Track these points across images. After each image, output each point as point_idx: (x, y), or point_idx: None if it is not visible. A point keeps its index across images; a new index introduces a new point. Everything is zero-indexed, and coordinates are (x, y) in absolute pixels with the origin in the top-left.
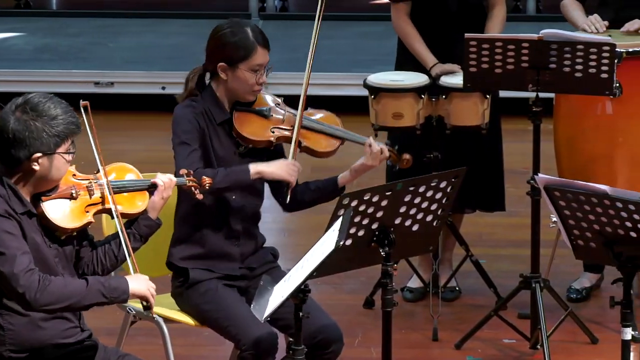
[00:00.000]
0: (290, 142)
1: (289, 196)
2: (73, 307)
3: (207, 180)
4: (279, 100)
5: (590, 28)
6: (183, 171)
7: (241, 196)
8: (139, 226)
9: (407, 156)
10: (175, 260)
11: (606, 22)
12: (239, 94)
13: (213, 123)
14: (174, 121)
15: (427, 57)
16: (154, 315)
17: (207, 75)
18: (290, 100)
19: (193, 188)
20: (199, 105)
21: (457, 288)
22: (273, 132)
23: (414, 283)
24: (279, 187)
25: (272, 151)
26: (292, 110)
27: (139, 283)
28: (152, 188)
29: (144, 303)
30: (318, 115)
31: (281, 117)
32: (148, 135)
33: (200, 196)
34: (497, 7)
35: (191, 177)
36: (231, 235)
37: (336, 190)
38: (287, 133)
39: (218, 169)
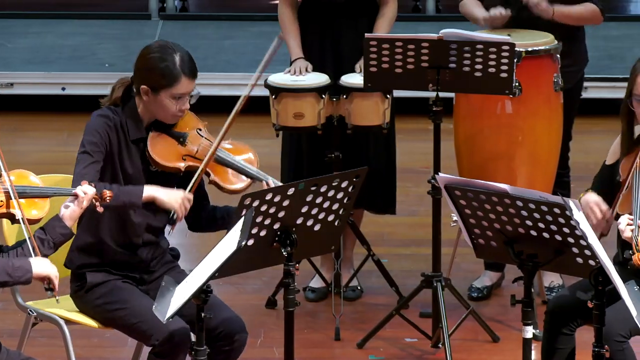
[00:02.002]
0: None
1: (173, 228)
2: None
3: (107, 193)
4: (202, 125)
5: (494, 12)
6: (85, 183)
7: (140, 212)
8: (55, 233)
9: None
10: (73, 266)
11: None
12: (159, 117)
13: (127, 138)
14: (85, 128)
15: (294, 50)
16: (57, 298)
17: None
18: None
19: (94, 200)
20: (116, 117)
21: (359, 287)
22: (184, 160)
23: (316, 283)
24: (196, 209)
25: (184, 177)
26: (210, 139)
27: (42, 264)
28: (73, 197)
29: (47, 285)
30: (235, 149)
31: (196, 147)
32: (48, 136)
33: (100, 209)
34: (387, 6)
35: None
36: (131, 247)
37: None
38: (197, 163)
39: (112, 185)
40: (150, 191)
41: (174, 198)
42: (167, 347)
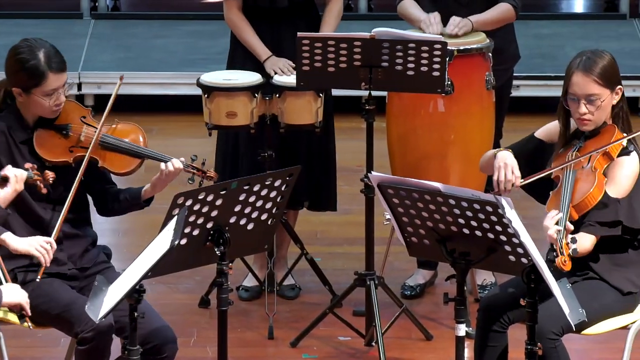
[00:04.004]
0: (93, 160)
1: (39, 275)
2: None
3: (50, 174)
4: (86, 112)
5: (428, 30)
6: (28, 165)
7: (41, 205)
8: None
9: (212, 173)
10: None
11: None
12: (39, 114)
13: (15, 141)
14: None
15: (260, 50)
16: (29, 325)
17: None
18: (120, 100)
19: (38, 182)
20: (1, 123)
21: (297, 286)
22: (72, 152)
23: (250, 282)
24: (99, 194)
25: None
26: (95, 125)
27: (11, 292)
28: (3, 181)
29: (18, 313)
30: (120, 131)
31: (80, 136)
32: None
33: (45, 190)
34: (333, 1)
35: (36, 171)
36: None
37: (140, 204)
38: (85, 152)
39: None
40: (3, 237)
41: (30, 243)
42: (91, 336)
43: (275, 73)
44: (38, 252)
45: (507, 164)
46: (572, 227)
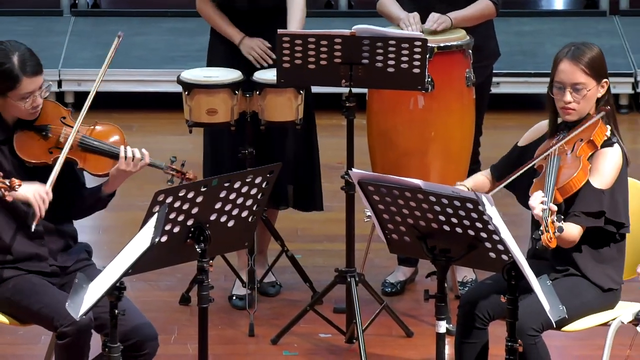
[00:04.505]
0: (71, 161)
1: (34, 224)
2: None
3: (16, 182)
4: (67, 112)
5: (407, 30)
6: None
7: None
8: None
9: (191, 175)
10: None
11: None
12: (17, 116)
13: None
14: None
15: (233, 33)
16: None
17: None
18: (101, 97)
19: (3, 189)
20: None
21: (277, 283)
22: (51, 153)
23: (241, 290)
24: (71, 196)
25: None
26: (74, 127)
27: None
28: None
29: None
30: (99, 132)
31: (60, 137)
32: None
33: (10, 198)
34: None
35: (1, 179)
36: (34, 235)
37: (101, 198)
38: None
39: None
40: None
41: (32, 191)
42: (70, 330)
43: (259, 66)
44: (35, 200)
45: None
46: (555, 208)
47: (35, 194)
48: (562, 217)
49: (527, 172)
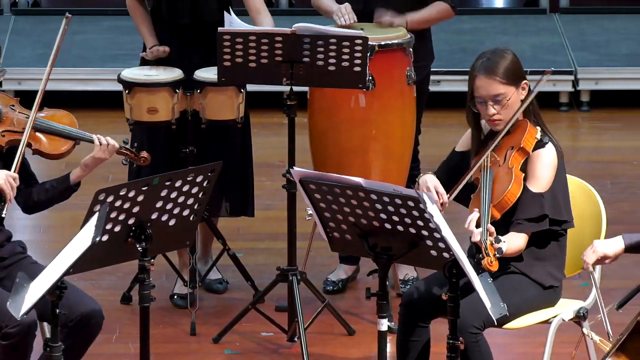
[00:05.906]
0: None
1: (5, 210)
2: None
3: None
4: (15, 101)
5: (340, 20)
6: None
7: None
8: None
9: (144, 154)
10: None
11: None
12: None
13: None
14: None
15: (148, 39)
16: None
17: None
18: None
19: None
20: None
21: (225, 280)
22: (4, 136)
23: (182, 289)
24: (24, 188)
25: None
26: (26, 112)
27: None
28: None
29: None
30: (52, 115)
31: (13, 121)
32: None
33: None
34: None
35: None
36: None
37: (69, 188)
38: (18, 136)
39: None
40: None
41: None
42: (15, 331)
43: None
44: (6, 185)
45: (428, 188)
46: (493, 230)
47: (5, 179)
48: (500, 238)
49: (467, 184)
